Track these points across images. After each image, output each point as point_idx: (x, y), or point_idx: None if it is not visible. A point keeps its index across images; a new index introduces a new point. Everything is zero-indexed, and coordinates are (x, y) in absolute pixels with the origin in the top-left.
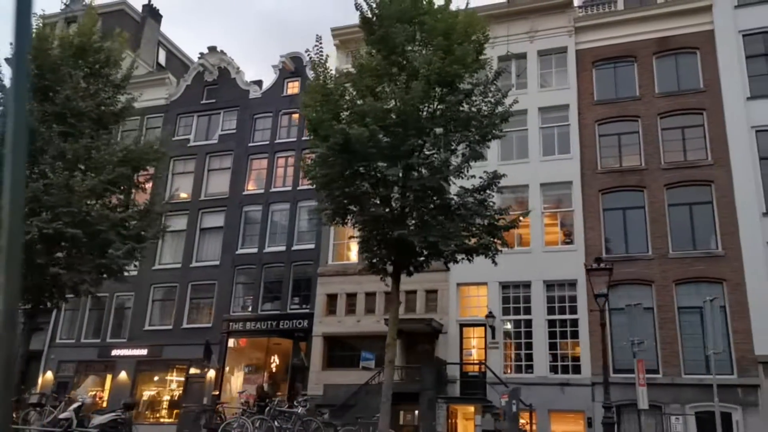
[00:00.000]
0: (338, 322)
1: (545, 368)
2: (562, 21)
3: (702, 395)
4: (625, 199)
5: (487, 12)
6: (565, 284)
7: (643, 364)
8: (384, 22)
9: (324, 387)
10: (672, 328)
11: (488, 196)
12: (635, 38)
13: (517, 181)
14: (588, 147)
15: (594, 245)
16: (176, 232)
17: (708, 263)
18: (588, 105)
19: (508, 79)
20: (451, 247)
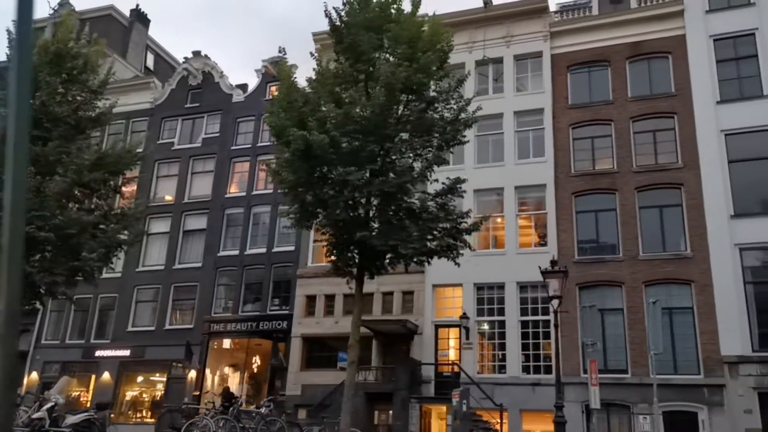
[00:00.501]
0: (317, 323)
1: (518, 368)
2: (538, 26)
3: (670, 395)
4: (598, 201)
5: (465, 17)
6: (538, 286)
7: (595, 364)
8: (351, 30)
9: (302, 387)
10: (641, 328)
11: (449, 201)
12: (609, 43)
13: (492, 183)
14: (562, 150)
15: (567, 247)
16: (160, 235)
17: (677, 265)
18: (562, 109)
19: (486, 82)
20: (409, 250)
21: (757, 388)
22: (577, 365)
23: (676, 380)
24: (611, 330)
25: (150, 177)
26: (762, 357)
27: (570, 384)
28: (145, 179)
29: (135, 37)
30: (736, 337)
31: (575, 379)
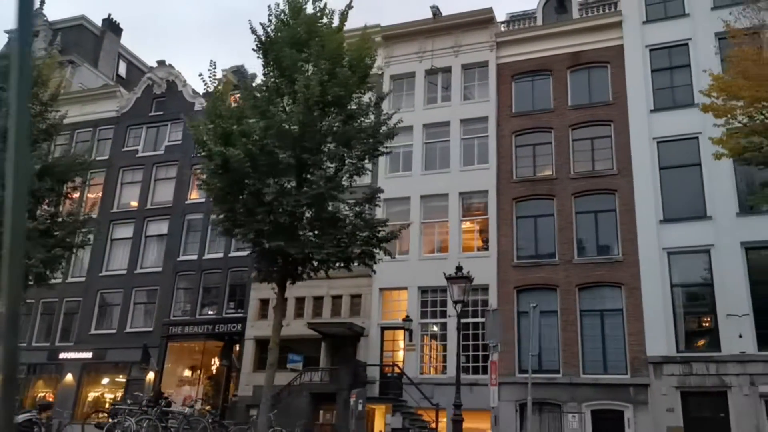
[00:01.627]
0: (269, 325)
1: None
2: (485, 36)
3: (598, 394)
4: (537, 207)
5: (415, 27)
6: (478, 289)
7: (496, 365)
8: (274, 46)
9: (253, 388)
10: (573, 330)
11: (366, 210)
12: (552, 53)
13: (438, 190)
14: (504, 157)
15: (506, 251)
16: (124, 240)
17: (608, 268)
18: (506, 117)
19: (435, 91)
20: (322, 256)
21: (680, 388)
22: (512, 366)
23: (604, 380)
24: (546, 331)
25: (115, 184)
26: (685, 357)
27: (505, 384)
28: (110, 186)
29: (107, 45)
30: (661, 338)
31: (510, 379)
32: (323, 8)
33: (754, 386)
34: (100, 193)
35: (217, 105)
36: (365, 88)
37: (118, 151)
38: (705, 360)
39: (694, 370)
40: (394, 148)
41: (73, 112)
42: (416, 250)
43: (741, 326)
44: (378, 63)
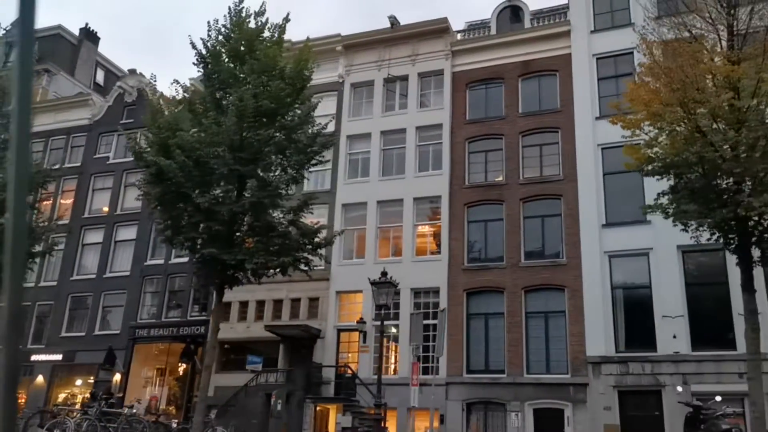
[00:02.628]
0: (231, 328)
1: (408, 370)
2: (441, 45)
3: (540, 393)
4: (487, 212)
5: (374, 37)
6: (430, 291)
7: (418, 366)
8: (212, 60)
9: (215, 389)
10: (518, 331)
11: (300, 217)
12: (504, 61)
13: (394, 195)
14: (458, 163)
15: (457, 255)
16: (94, 245)
17: (553, 271)
18: (460, 124)
19: (393, 98)
20: (254, 264)
21: (617, 387)
22: (460, 366)
23: (546, 379)
24: (494, 333)
25: (86, 190)
26: (622, 357)
27: (453, 384)
28: (82, 192)
29: (84, 54)
30: (600, 338)
31: (458, 379)
32: (264, 22)
33: (686, 385)
34: (71, 200)
35: (155, 116)
36: (303, 99)
37: (90, 158)
38: (641, 360)
39: (631, 369)
40: (353, 154)
41: (47, 120)
42: (372, 254)
43: (676, 327)
44: (339, 71)
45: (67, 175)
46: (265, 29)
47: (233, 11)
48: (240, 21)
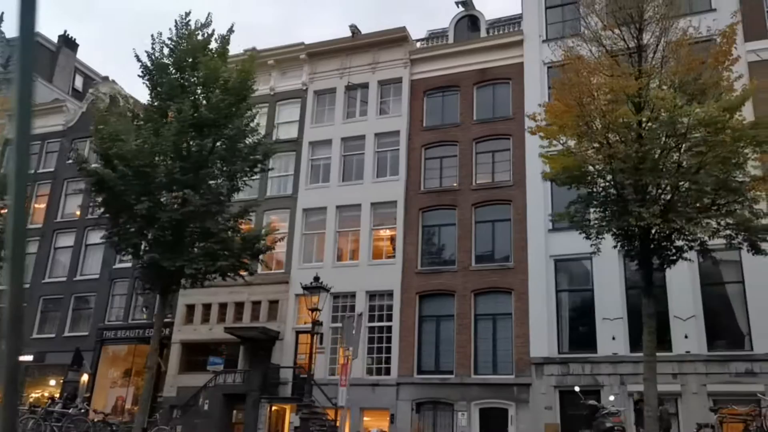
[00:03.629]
0: (194, 330)
1: (362, 370)
2: (400, 54)
3: (486, 393)
4: (441, 216)
5: (336, 45)
6: (384, 294)
7: (347, 368)
8: (156, 72)
9: (178, 389)
10: (467, 333)
11: (239, 224)
12: (460, 69)
13: (353, 200)
14: (414, 169)
15: (411, 259)
16: (66, 248)
17: (501, 275)
18: (417, 131)
19: (354, 105)
20: (192, 270)
21: (558, 387)
22: (411, 367)
23: (492, 380)
24: (444, 335)
25: (59, 195)
26: (563, 358)
27: (404, 384)
28: (55, 197)
29: (62, 61)
30: (544, 340)
31: (409, 379)
32: (210, 34)
33: (623, 385)
34: (45, 204)
35: (98, 127)
36: (245, 109)
37: (63, 164)
38: (581, 361)
39: (572, 370)
40: (315, 160)
41: None
42: (330, 258)
43: (615, 329)
44: (303, 79)
45: (41, 180)
46: (211, 41)
47: (180, 24)
48: (188, 33)
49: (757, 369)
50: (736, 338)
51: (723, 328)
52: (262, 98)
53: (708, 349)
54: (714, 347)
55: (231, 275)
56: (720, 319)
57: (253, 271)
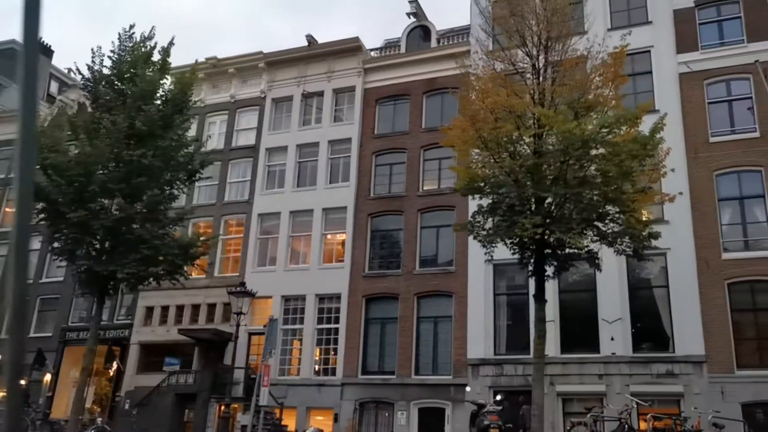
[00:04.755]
0: (152, 331)
1: (310, 371)
2: (354, 63)
3: (425, 393)
4: (389, 222)
5: (293, 54)
6: (333, 297)
7: (269, 369)
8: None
9: (135, 388)
10: (409, 335)
11: (172, 230)
12: (411, 78)
13: (305, 205)
14: (364, 176)
15: (359, 263)
16: (34, 251)
17: (443, 279)
18: (369, 138)
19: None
20: (124, 275)
21: (492, 387)
22: (355, 368)
23: (431, 380)
24: (389, 337)
25: None
26: (498, 360)
27: (349, 384)
28: None
29: None
30: (480, 342)
31: (353, 380)
32: (153, 46)
33: (552, 386)
34: None
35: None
36: (182, 121)
37: None
38: (514, 362)
39: (505, 371)
40: (272, 166)
41: None
42: (283, 262)
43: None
44: (262, 87)
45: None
46: (153, 53)
47: (123, 36)
48: (131, 46)
49: (677, 370)
50: (661, 341)
51: (649, 330)
52: (222, 105)
53: (633, 351)
54: (640, 349)
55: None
56: (646, 322)
57: (187, 275)
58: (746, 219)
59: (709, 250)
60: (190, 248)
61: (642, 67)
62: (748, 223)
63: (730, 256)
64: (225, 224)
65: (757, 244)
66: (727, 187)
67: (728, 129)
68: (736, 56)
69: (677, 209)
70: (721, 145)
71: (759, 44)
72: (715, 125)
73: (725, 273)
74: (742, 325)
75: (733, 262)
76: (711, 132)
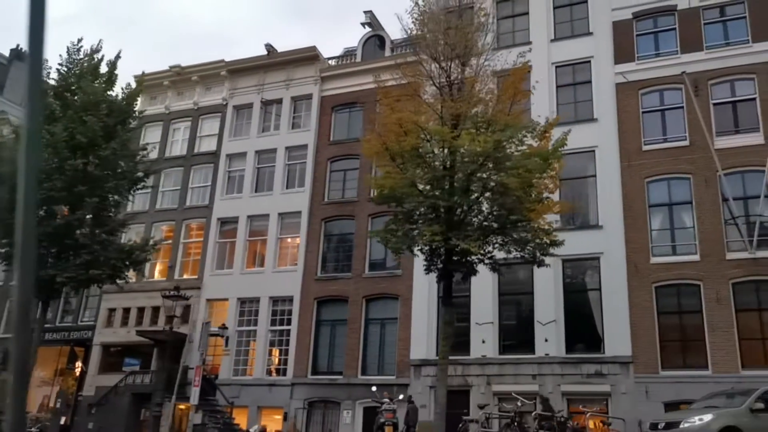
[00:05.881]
0: (113, 332)
1: (262, 371)
2: (311, 71)
3: (370, 393)
4: (341, 226)
5: (254, 63)
6: (286, 300)
7: (200, 369)
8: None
9: (96, 388)
10: (356, 337)
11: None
12: (365, 87)
13: (263, 210)
14: (319, 181)
15: (311, 266)
16: None
17: (390, 282)
18: (324, 145)
19: (270, 120)
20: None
21: (433, 387)
22: (305, 368)
23: (375, 380)
24: (339, 338)
25: None
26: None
27: (298, 384)
28: None
29: (14, 74)
30: (423, 343)
31: (302, 380)
32: (101, 59)
33: (489, 385)
34: None
35: None
36: (126, 131)
37: None
38: (454, 363)
39: None
40: (232, 172)
41: None
42: (239, 265)
43: (485, 333)
44: (224, 94)
45: None
46: (100, 66)
47: (72, 50)
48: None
49: (606, 371)
50: (593, 342)
51: (582, 332)
52: (186, 112)
53: (567, 352)
54: (573, 350)
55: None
56: (580, 324)
57: (128, 279)
58: (674, 224)
59: (639, 255)
60: (131, 253)
61: (583, 77)
62: (676, 229)
63: (658, 260)
64: (186, 228)
65: (684, 249)
66: (658, 193)
67: (660, 137)
68: (669, 67)
69: (610, 215)
70: (653, 153)
71: (690, 55)
72: (648, 134)
73: (653, 277)
74: (668, 327)
75: (660, 266)
76: (644, 140)
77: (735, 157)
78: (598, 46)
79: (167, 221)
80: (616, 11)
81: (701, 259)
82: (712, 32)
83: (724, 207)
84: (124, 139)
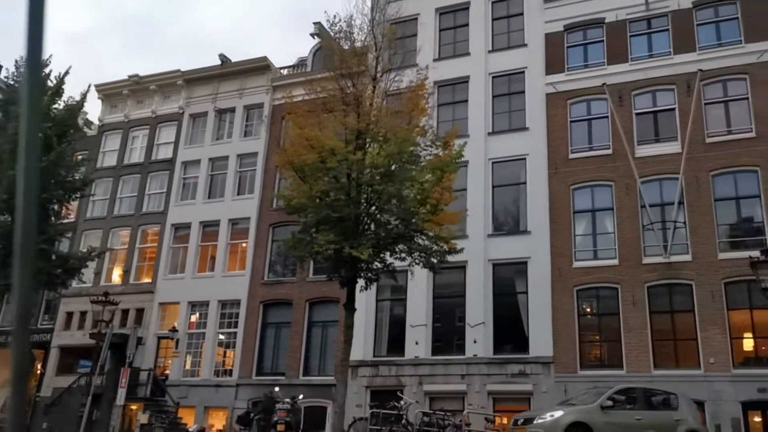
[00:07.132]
0: (70, 335)
1: (210, 372)
2: (263, 80)
3: (310, 393)
4: (288, 232)
5: (208, 72)
6: (234, 303)
7: (127, 372)
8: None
9: (53, 390)
10: (299, 339)
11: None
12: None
13: (213, 216)
14: (268, 188)
15: (258, 270)
16: None
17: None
18: (274, 152)
19: (224, 128)
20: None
21: (369, 387)
22: (250, 370)
23: (315, 381)
24: (283, 340)
25: None
26: (375, 361)
27: (243, 385)
28: None
29: None
30: (361, 345)
31: (247, 381)
32: (48, 74)
33: (420, 385)
34: None
35: None
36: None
37: None
38: (389, 363)
39: (381, 372)
40: (187, 179)
41: None
42: (191, 270)
43: (419, 335)
44: (180, 103)
45: None
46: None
47: (20, 63)
48: None
49: (529, 370)
50: (520, 343)
51: (509, 334)
52: (145, 120)
53: (494, 352)
54: (501, 351)
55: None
56: (508, 325)
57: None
58: (597, 230)
59: (563, 259)
60: (66, 261)
61: (517, 88)
62: (598, 234)
63: (580, 265)
64: (142, 234)
65: (605, 254)
66: (582, 200)
67: (586, 146)
68: (596, 78)
69: (538, 221)
70: (579, 161)
71: (616, 66)
72: (575, 142)
73: (575, 280)
74: (587, 328)
75: (582, 270)
76: (571, 149)
77: (654, 165)
78: (532, 57)
79: (124, 227)
80: (549, 23)
81: (620, 263)
82: (638, 44)
83: (642, 213)
84: (59, 151)
